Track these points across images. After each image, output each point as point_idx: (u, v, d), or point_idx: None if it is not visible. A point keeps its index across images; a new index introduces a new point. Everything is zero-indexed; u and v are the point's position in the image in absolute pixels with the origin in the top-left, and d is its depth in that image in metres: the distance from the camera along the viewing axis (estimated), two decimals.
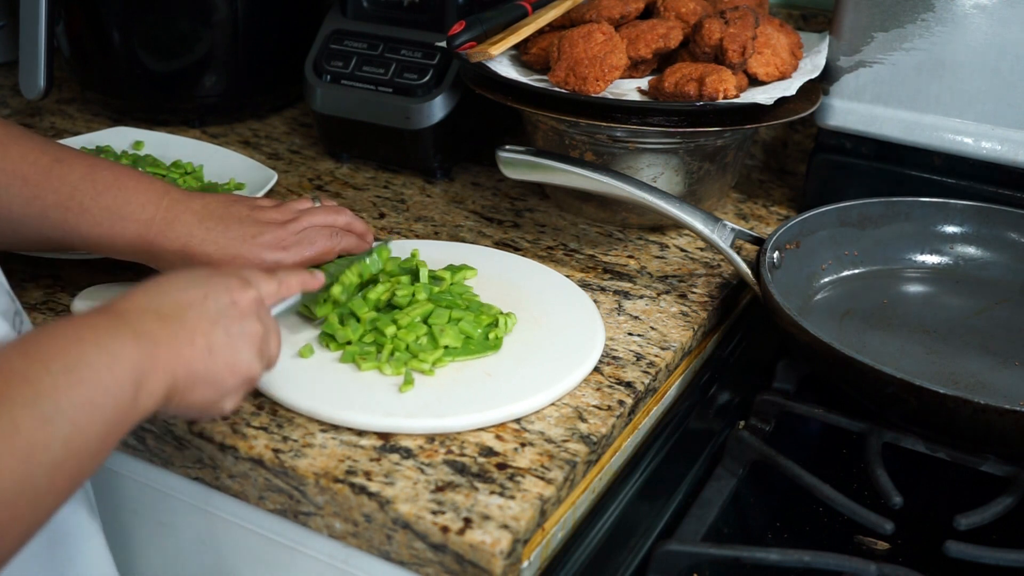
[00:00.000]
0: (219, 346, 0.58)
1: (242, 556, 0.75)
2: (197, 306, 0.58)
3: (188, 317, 0.57)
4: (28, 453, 0.46)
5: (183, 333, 0.56)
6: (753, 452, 0.74)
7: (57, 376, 0.49)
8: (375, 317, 0.76)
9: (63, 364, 0.49)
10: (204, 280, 0.60)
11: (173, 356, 0.55)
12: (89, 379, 0.50)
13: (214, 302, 0.59)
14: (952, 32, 0.95)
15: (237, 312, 0.60)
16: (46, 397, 0.48)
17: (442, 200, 1.07)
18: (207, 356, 0.57)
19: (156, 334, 0.55)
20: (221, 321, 0.59)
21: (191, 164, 1.05)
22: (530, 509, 0.63)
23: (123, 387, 0.52)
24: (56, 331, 0.52)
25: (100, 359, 0.51)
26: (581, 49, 0.91)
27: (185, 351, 0.56)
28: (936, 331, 0.87)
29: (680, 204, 0.86)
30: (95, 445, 0.50)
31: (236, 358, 0.59)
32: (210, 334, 0.58)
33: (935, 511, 0.72)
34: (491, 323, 0.77)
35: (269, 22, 1.23)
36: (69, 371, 0.49)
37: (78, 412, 0.49)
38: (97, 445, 0.51)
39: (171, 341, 0.55)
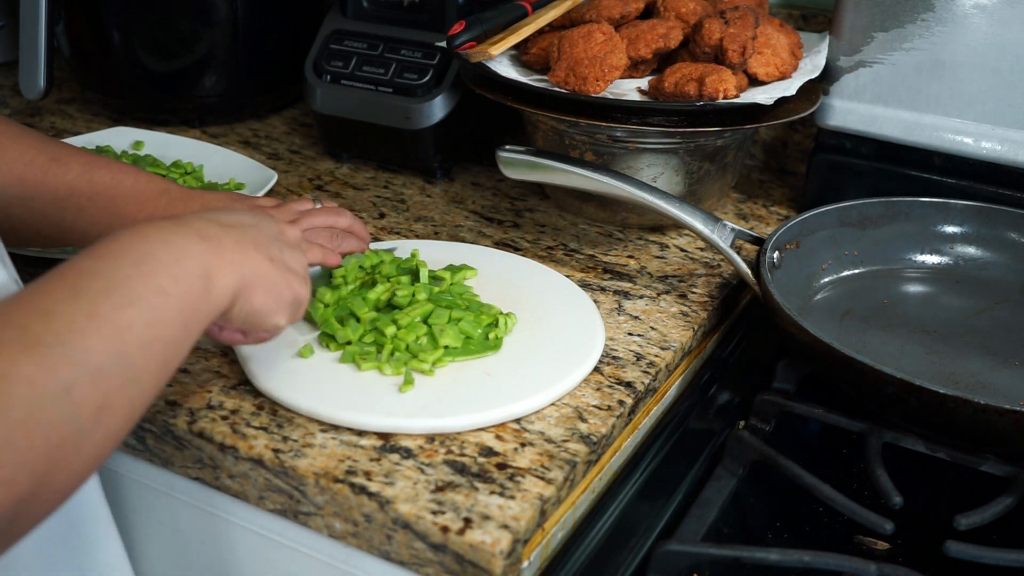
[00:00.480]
0: (277, 259, 0.62)
1: (242, 556, 0.75)
2: (253, 226, 0.62)
3: (248, 231, 0.61)
4: (114, 333, 0.49)
5: (246, 240, 0.60)
6: (753, 452, 0.74)
7: (128, 268, 0.51)
8: (375, 317, 0.76)
9: (132, 259, 0.52)
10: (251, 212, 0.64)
11: (239, 256, 0.58)
12: (158, 270, 0.52)
13: (266, 227, 0.63)
14: (952, 32, 0.95)
15: (286, 240, 0.65)
16: (120, 286, 0.50)
17: (442, 200, 1.07)
18: (268, 263, 0.61)
19: (221, 237, 0.58)
20: (275, 242, 0.63)
21: (191, 164, 1.05)
22: (530, 509, 0.63)
23: (193, 278, 0.54)
24: (122, 234, 0.54)
25: (168, 253, 0.54)
26: (581, 49, 0.91)
27: (250, 253, 0.59)
28: (936, 331, 0.87)
29: (680, 204, 0.86)
30: (177, 330, 0.53)
31: (290, 274, 0.63)
32: (268, 247, 0.62)
33: (935, 511, 0.72)
34: (491, 323, 0.77)
35: (269, 22, 1.23)
36: (139, 264, 0.52)
37: (155, 296, 0.51)
38: (179, 331, 0.53)
39: (236, 244, 0.59)
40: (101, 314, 0.48)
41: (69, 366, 0.46)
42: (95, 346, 0.47)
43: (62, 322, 0.47)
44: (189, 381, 0.74)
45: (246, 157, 1.09)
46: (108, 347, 0.48)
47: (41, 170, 0.72)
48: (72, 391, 0.46)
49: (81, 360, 0.46)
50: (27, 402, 0.44)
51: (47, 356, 0.45)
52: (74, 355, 0.46)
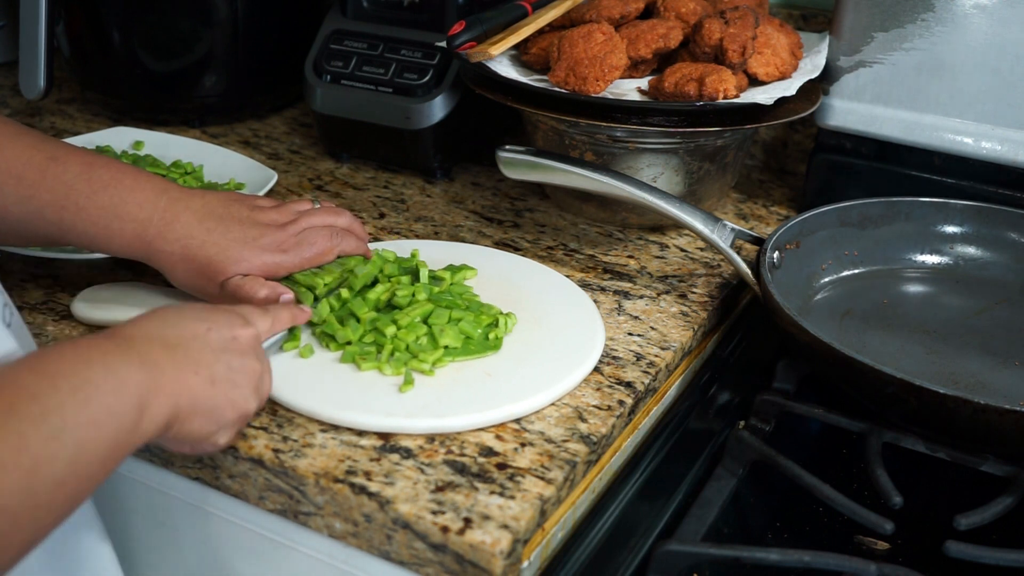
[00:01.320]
0: (220, 379, 0.60)
1: (242, 556, 0.75)
2: (201, 338, 0.60)
3: (192, 347, 0.59)
4: (33, 468, 0.47)
5: (187, 363, 0.58)
6: (753, 452, 0.74)
7: (64, 395, 0.49)
8: (375, 317, 0.76)
9: (71, 384, 0.50)
10: (208, 314, 0.62)
11: (177, 384, 0.57)
12: (95, 400, 0.51)
13: (217, 335, 0.61)
14: (952, 32, 0.95)
15: (238, 347, 0.62)
16: (53, 414, 0.48)
17: (442, 200, 1.07)
18: (209, 387, 0.59)
19: (161, 362, 0.56)
20: (223, 355, 0.61)
21: (191, 164, 1.05)
22: (530, 509, 0.63)
23: (127, 410, 0.53)
24: (64, 351, 0.53)
25: (107, 381, 0.52)
26: (581, 49, 0.91)
27: (189, 379, 0.57)
28: (936, 331, 0.87)
29: (680, 204, 0.86)
30: (96, 466, 0.51)
31: (235, 393, 0.61)
32: (213, 366, 0.59)
33: (935, 511, 0.72)
34: (491, 323, 0.77)
35: (269, 22, 1.23)
36: (76, 391, 0.50)
37: (83, 431, 0.50)
38: (98, 466, 0.51)
39: (176, 369, 0.57)
40: (27, 446, 0.47)
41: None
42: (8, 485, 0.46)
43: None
44: None
45: (246, 157, 1.09)
46: (21, 485, 0.46)
47: (39, 169, 0.72)
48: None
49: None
50: None
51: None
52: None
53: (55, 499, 0.49)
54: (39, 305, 0.83)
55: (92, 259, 0.87)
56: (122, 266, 0.88)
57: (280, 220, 0.79)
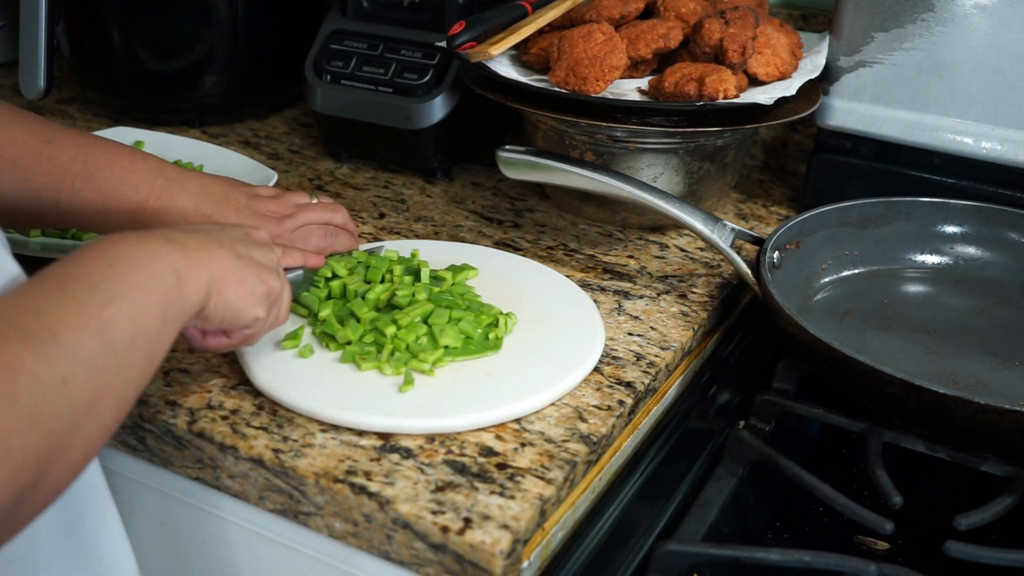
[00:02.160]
0: (243, 254, 0.63)
1: (242, 556, 0.75)
2: (217, 230, 0.64)
3: (211, 233, 0.62)
4: (101, 329, 0.50)
5: (208, 240, 0.61)
6: (753, 452, 0.74)
7: (105, 269, 0.53)
8: (375, 317, 0.76)
9: (106, 261, 0.53)
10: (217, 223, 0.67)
11: (205, 253, 0.59)
12: (134, 269, 0.54)
13: (231, 230, 0.65)
14: (952, 32, 0.95)
15: (252, 239, 0.66)
16: (101, 285, 0.52)
17: (442, 200, 1.07)
18: (235, 259, 0.62)
19: (185, 241, 0.59)
20: (240, 241, 0.64)
21: (191, 164, 1.05)
22: (530, 509, 0.63)
23: (166, 276, 0.56)
24: (92, 243, 0.55)
25: (140, 253, 0.55)
26: (581, 49, 0.91)
27: (215, 251, 0.60)
28: (936, 331, 0.87)
29: (680, 204, 0.86)
30: (156, 326, 0.54)
31: (260, 268, 0.64)
32: (233, 244, 0.63)
33: (935, 511, 0.72)
34: (491, 323, 0.77)
35: (269, 22, 1.23)
36: (114, 264, 0.53)
37: (133, 294, 0.53)
38: (158, 326, 0.54)
39: (200, 245, 0.60)
40: (87, 312, 0.50)
41: (65, 359, 0.47)
42: (85, 341, 0.49)
43: (54, 319, 0.48)
44: (189, 381, 0.74)
45: (246, 157, 1.09)
46: (96, 342, 0.49)
47: (35, 152, 0.72)
48: (68, 383, 0.47)
49: (74, 354, 0.48)
50: (31, 392, 0.45)
51: (45, 350, 0.46)
52: (68, 349, 0.48)
53: (132, 356, 0.52)
54: None
55: None
56: None
57: (278, 211, 0.79)
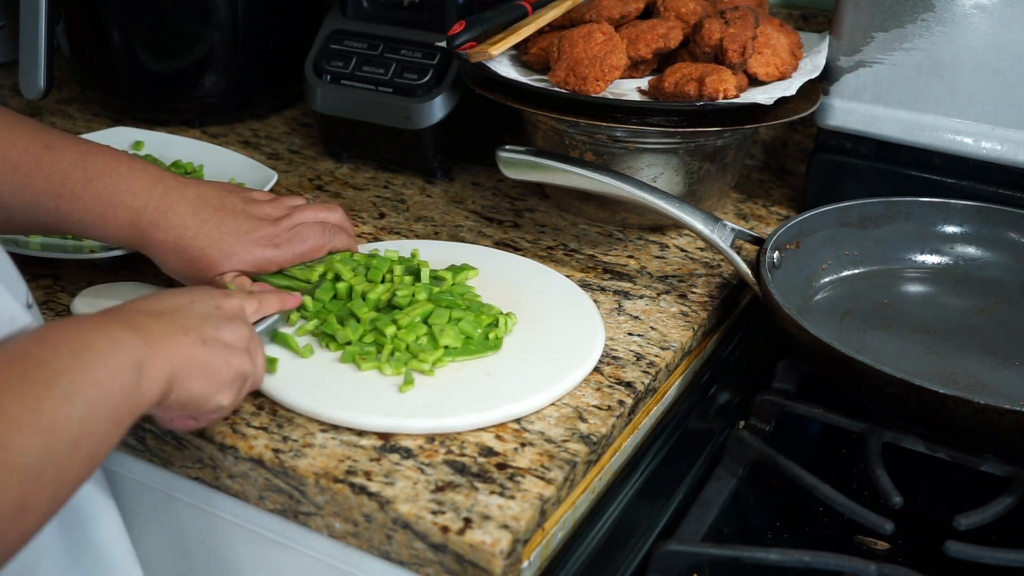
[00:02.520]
0: (210, 339, 0.61)
1: (242, 556, 0.75)
2: (185, 308, 0.62)
3: (178, 315, 0.61)
4: (50, 429, 0.49)
5: (175, 327, 0.59)
6: (753, 452, 0.74)
7: (68, 359, 0.51)
8: (375, 317, 0.76)
9: (71, 349, 0.52)
10: (188, 290, 0.64)
11: (169, 345, 0.58)
12: (97, 362, 0.52)
13: (200, 305, 0.63)
14: (952, 32, 0.95)
15: (222, 314, 0.64)
16: (62, 378, 0.50)
17: (442, 200, 1.07)
18: (201, 346, 0.60)
19: (150, 327, 0.57)
20: (209, 320, 0.62)
21: (191, 164, 1.05)
22: (530, 509, 0.63)
23: (127, 371, 0.54)
24: (60, 325, 0.54)
25: (104, 344, 0.54)
26: (581, 49, 0.91)
27: (179, 339, 0.59)
28: (936, 331, 0.87)
29: (680, 204, 0.86)
30: (106, 426, 0.52)
31: (228, 352, 0.62)
32: (201, 328, 0.61)
33: (935, 511, 0.72)
34: (491, 323, 0.77)
35: (269, 22, 1.23)
36: (77, 355, 0.52)
37: (90, 391, 0.51)
38: (108, 427, 0.53)
39: (165, 332, 0.58)
40: (40, 407, 0.48)
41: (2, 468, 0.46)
42: (30, 445, 0.47)
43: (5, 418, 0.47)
44: None
45: (246, 157, 1.09)
46: (40, 446, 0.48)
47: (35, 157, 0.72)
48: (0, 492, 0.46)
49: (13, 461, 0.46)
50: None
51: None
52: (9, 456, 0.46)
53: (73, 460, 0.50)
54: (39, 305, 0.83)
55: (92, 259, 0.87)
56: (122, 266, 0.87)
57: (274, 214, 0.80)
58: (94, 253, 0.86)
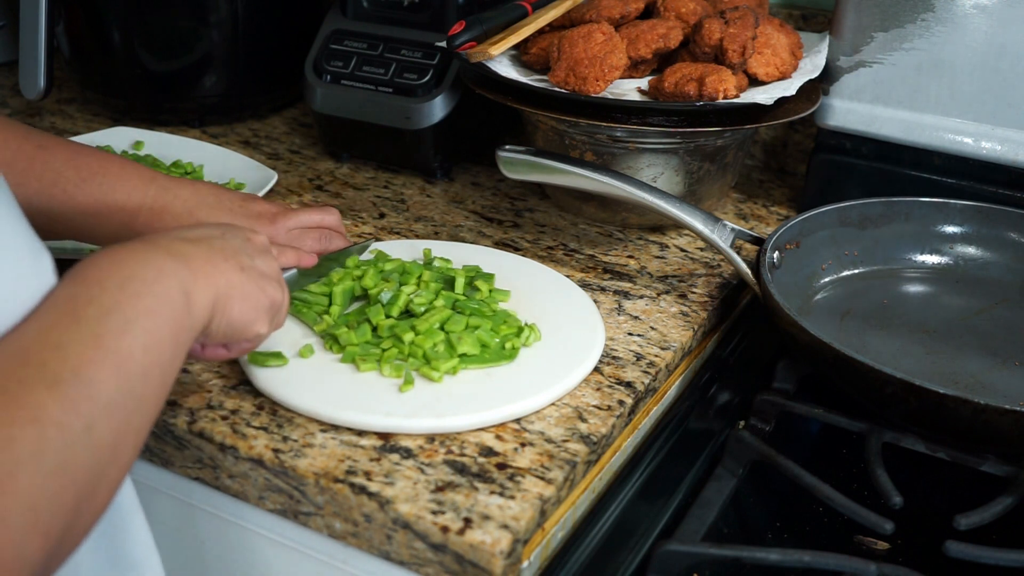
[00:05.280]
0: (247, 267, 0.61)
1: (242, 556, 0.75)
2: (219, 238, 0.62)
3: (214, 244, 0.60)
4: (118, 362, 0.49)
5: (213, 253, 0.59)
6: (753, 452, 0.74)
7: (116, 292, 0.51)
8: (393, 324, 0.76)
9: (116, 281, 0.52)
10: (216, 224, 0.64)
11: (210, 268, 0.58)
12: (144, 291, 0.52)
13: (232, 236, 0.63)
14: (952, 32, 0.95)
15: (254, 247, 0.64)
16: (114, 311, 0.50)
17: (442, 200, 1.07)
18: (240, 272, 0.60)
19: (190, 253, 0.57)
20: (243, 249, 0.63)
21: (191, 164, 1.05)
22: (530, 509, 0.63)
23: (175, 295, 0.54)
24: (96, 259, 0.53)
25: (147, 272, 0.53)
26: (581, 49, 0.91)
27: (220, 265, 0.59)
28: (936, 331, 0.87)
29: (680, 204, 0.86)
30: (169, 352, 0.53)
31: (263, 281, 0.63)
32: (237, 256, 0.61)
33: (935, 511, 0.72)
34: (512, 333, 0.77)
35: (269, 22, 1.23)
36: (123, 286, 0.51)
37: (146, 319, 0.51)
38: (170, 352, 0.53)
39: (205, 258, 0.58)
40: (104, 343, 0.48)
41: (88, 403, 0.46)
42: (106, 379, 0.47)
43: (75, 356, 0.47)
44: (189, 381, 0.74)
45: (246, 157, 1.09)
46: (115, 379, 0.48)
47: (27, 157, 0.72)
48: (92, 430, 0.46)
49: (96, 396, 0.47)
50: (57, 448, 0.44)
51: (68, 394, 0.45)
52: (91, 391, 0.46)
53: (148, 387, 0.50)
54: None
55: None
56: None
57: (271, 212, 0.80)
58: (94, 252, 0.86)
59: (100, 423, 0.46)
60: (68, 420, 0.44)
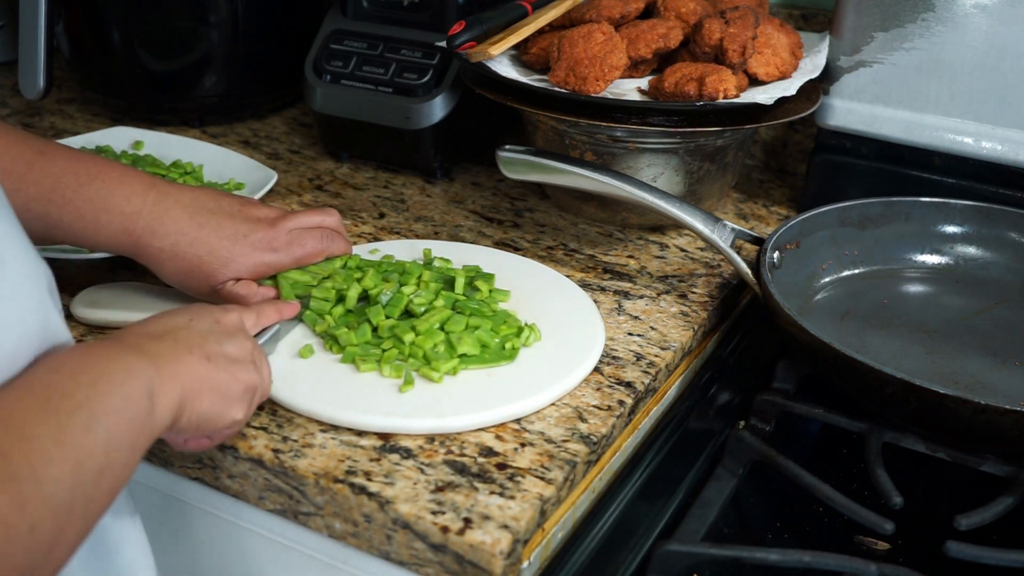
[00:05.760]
0: (215, 355, 0.60)
1: (242, 556, 0.75)
2: (185, 327, 0.61)
3: (180, 335, 0.60)
4: (77, 460, 0.48)
5: (178, 347, 0.59)
6: (753, 452, 0.74)
7: (87, 388, 0.51)
8: (394, 324, 0.76)
9: (89, 377, 0.52)
10: (185, 310, 0.64)
11: (176, 365, 0.57)
12: (113, 389, 0.52)
13: (199, 323, 0.62)
14: (952, 32, 0.95)
15: (223, 329, 0.63)
16: (83, 407, 0.50)
17: (442, 200, 1.07)
18: (207, 363, 0.59)
19: (155, 349, 0.57)
20: (211, 336, 0.62)
21: (191, 164, 1.05)
22: (530, 509, 0.63)
23: (140, 396, 0.54)
24: (73, 352, 0.54)
25: (117, 371, 0.53)
26: (581, 49, 0.91)
27: (185, 359, 0.58)
28: (936, 331, 0.87)
29: (680, 204, 0.86)
30: (126, 454, 0.52)
31: (234, 366, 0.61)
32: (204, 345, 0.60)
33: (935, 511, 0.72)
34: (512, 333, 0.77)
35: (269, 22, 1.23)
36: (95, 383, 0.52)
37: (109, 419, 0.51)
38: (127, 455, 0.53)
39: (170, 353, 0.58)
40: (67, 439, 0.48)
41: (37, 503, 0.46)
42: (62, 478, 0.47)
43: (36, 452, 0.47)
44: None
45: (246, 157, 1.09)
46: (71, 478, 0.48)
47: (26, 162, 0.71)
48: (35, 530, 0.46)
49: (47, 496, 0.47)
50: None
51: (20, 492, 0.45)
52: (43, 490, 0.46)
53: (99, 489, 0.50)
54: None
55: (92, 259, 0.87)
56: (122, 266, 0.88)
57: (271, 215, 0.79)
58: (94, 253, 0.86)
59: (45, 523, 0.46)
60: (14, 520, 0.45)
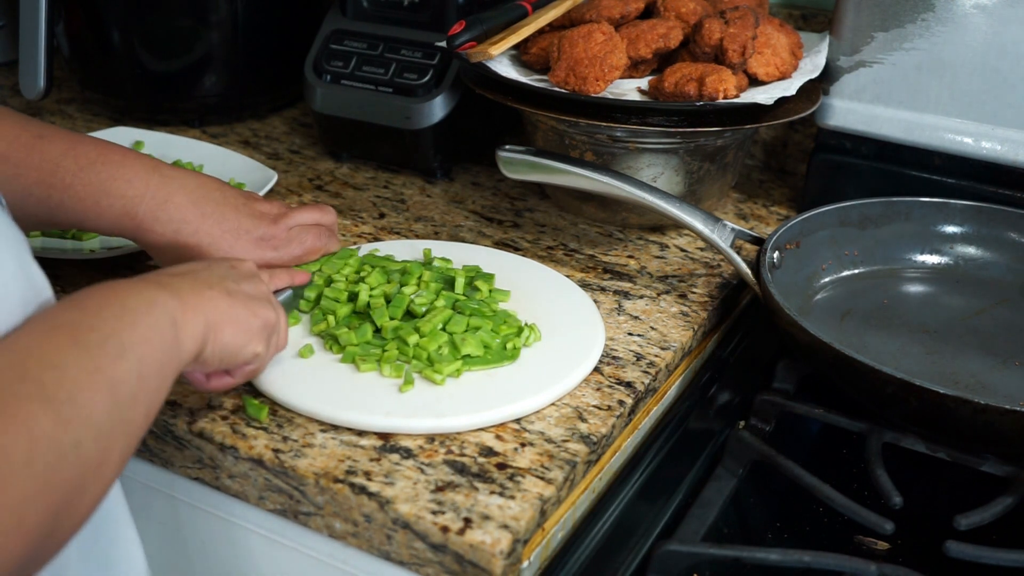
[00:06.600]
0: (234, 291, 0.63)
1: (242, 556, 0.75)
2: (203, 269, 0.64)
3: (199, 274, 0.62)
4: (112, 387, 0.50)
5: (199, 283, 0.61)
6: (753, 452, 0.74)
7: (112, 321, 0.53)
8: (397, 326, 0.76)
9: (113, 311, 0.53)
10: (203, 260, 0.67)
11: (198, 298, 0.59)
12: (138, 320, 0.54)
13: (217, 266, 0.65)
14: (952, 32, 0.95)
15: (239, 273, 0.66)
16: (112, 337, 0.52)
17: (442, 200, 1.07)
18: (228, 297, 0.62)
19: (177, 284, 0.59)
20: (228, 276, 0.64)
21: (191, 164, 1.05)
22: (530, 509, 0.63)
23: (165, 327, 0.56)
24: (94, 291, 0.55)
25: (140, 304, 0.55)
26: (581, 49, 0.91)
27: (206, 293, 0.60)
28: (936, 331, 0.87)
29: (680, 204, 0.86)
30: (157, 381, 0.54)
31: (253, 303, 0.64)
32: (223, 282, 0.63)
33: (935, 511, 0.72)
34: (513, 333, 0.77)
35: (269, 22, 1.23)
36: (120, 316, 0.53)
37: (141, 348, 0.53)
38: (158, 381, 0.54)
39: (192, 288, 0.60)
40: (101, 367, 0.50)
41: (79, 423, 0.48)
42: (98, 402, 0.49)
43: (71, 379, 0.48)
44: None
45: (246, 157, 1.09)
46: (107, 403, 0.50)
47: (26, 147, 0.71)
48: (80, 447, 0.47)
49: (87, 417, 0.48)
50: (46, 459, 0.45)
51: (62, 413, 0.47)
52: (82, 412, 0.48)
53: (135, 415, 0.52)
54: None
55: (92, 259, 0.87)
56: (122, 266, 0.88)
57: (272, 212, 0.80)
58: (94, 253, 0.86)
59: (88, 442, 0.48)
60: (59, 436, 0.46)
